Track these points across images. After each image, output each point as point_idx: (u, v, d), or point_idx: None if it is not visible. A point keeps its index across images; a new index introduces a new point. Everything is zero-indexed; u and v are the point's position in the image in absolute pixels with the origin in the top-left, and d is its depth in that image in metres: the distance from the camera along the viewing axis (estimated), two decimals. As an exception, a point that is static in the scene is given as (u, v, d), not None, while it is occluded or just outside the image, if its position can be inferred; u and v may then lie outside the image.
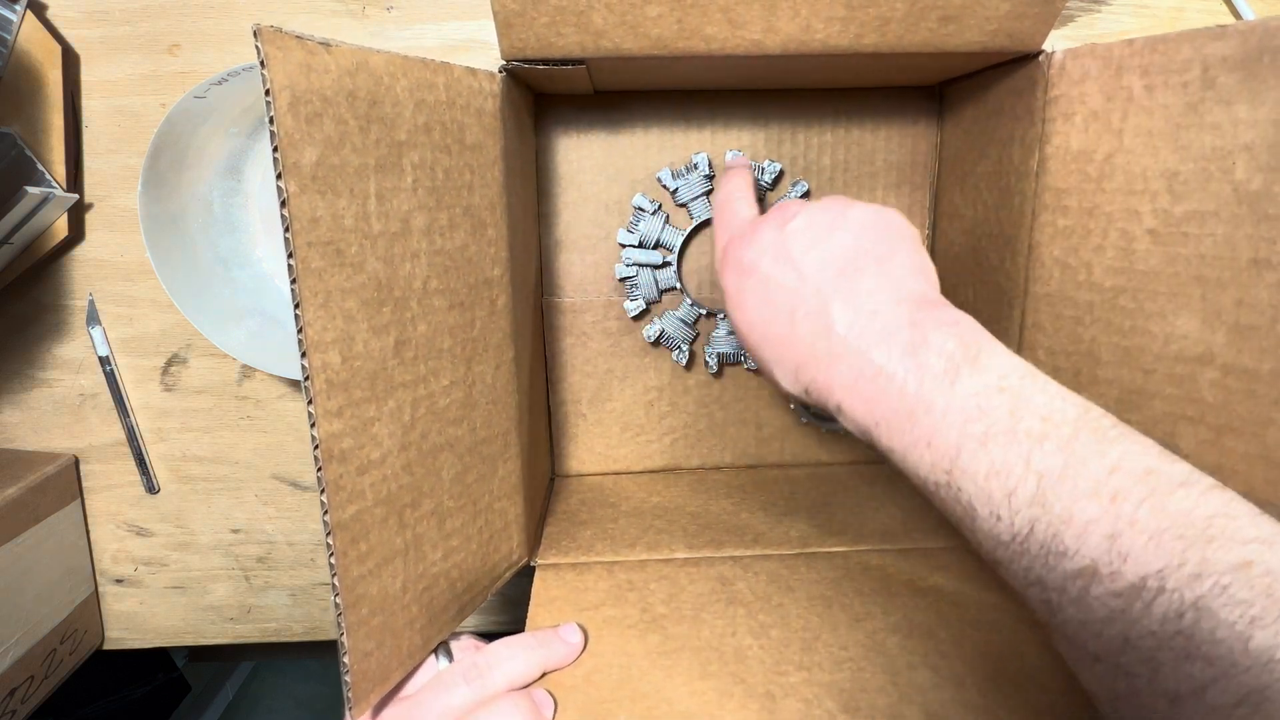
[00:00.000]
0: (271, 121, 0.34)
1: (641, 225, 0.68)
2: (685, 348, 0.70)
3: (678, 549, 0.60)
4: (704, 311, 0.70)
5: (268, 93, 0.34)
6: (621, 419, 0.73)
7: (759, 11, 0.47)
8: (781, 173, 0.68)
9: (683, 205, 0.68)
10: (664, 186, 0.67)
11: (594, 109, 0.67)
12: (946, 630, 0.50)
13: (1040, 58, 0.52)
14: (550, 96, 0.67)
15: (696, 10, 0.47)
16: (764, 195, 0.68)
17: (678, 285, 0.69)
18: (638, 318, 0.70)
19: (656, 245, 0.69)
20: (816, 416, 0.73)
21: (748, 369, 0.71)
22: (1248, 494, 0.43)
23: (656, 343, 0.70)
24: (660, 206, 0.68)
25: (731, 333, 0.69)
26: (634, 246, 0.68)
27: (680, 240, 0.68)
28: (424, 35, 0.67)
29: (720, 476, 0.74)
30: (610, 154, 0.68)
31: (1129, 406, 0.49)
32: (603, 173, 0.69)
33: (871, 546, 0.61)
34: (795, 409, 0.73)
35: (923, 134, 0.69)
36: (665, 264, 0.69)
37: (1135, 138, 0.47)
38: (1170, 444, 0.45)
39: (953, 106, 0.66)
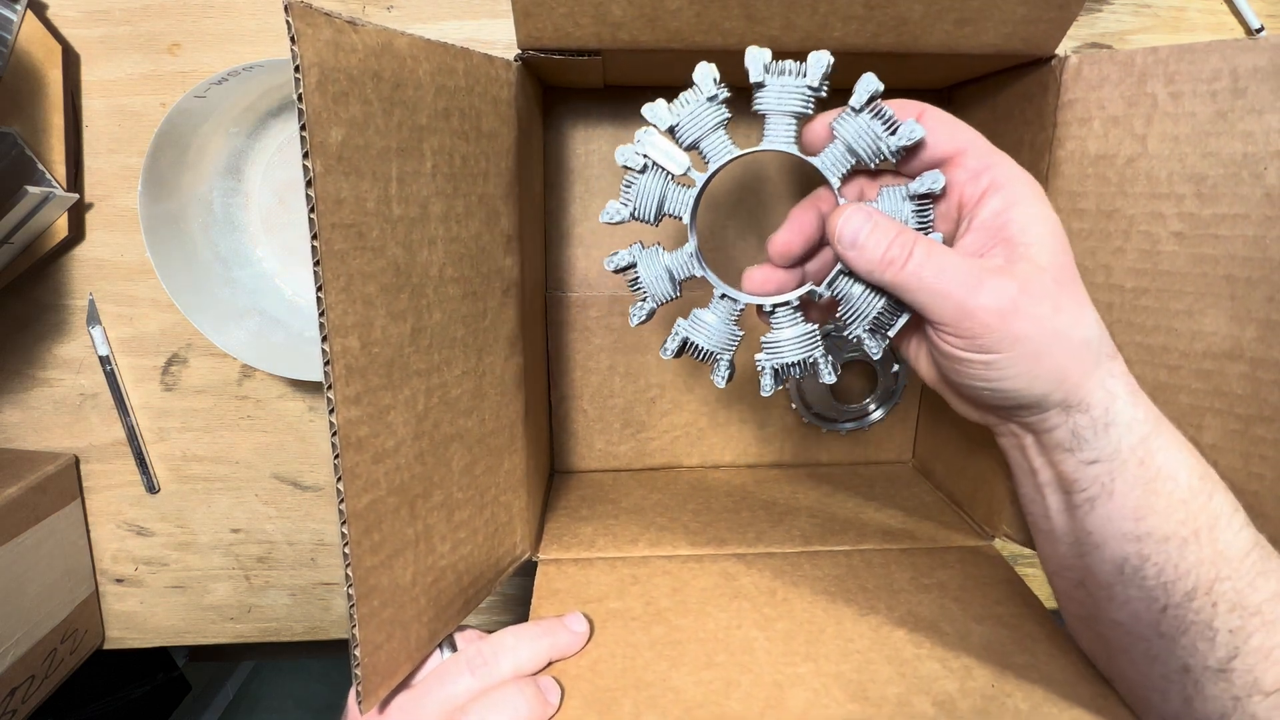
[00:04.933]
0: (300, 99, 0.34)
1: (685, 109, 0.46)
2: (725, 360, 0.49)
3: (680, 546, 0.60)
4: (741, 307, 0.48)
5: (297, 69, 0.34)
6: (623, 415, 0.73)
7: (778, 8, 0.47)
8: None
9: (691, 146, 0.46)
10: (656, 128, 0.46)
11: (603, 103, 0.67)
12: (952, 625, 0.51)
13: (1053, 62, 0.52)
14: (559, 89, 0.67)
15: (716, 4, 0.47)
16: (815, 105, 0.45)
17: (699, 270, 0.48)
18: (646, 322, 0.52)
19: (658, 219, 0.48)
20: (818, 416, 0.73)
21: (827, 380, 0.48)
22: (1276, 479, 0.44)
23: (679, 354, 0.50)
24: (725, 101, 0.46)
25: (810, 334, 0.48)
26: (619, 222, 0.48)
27: (692, 203, 0.47)
28: (424, 35, 0.67)
29: (720, 475, 0.74)
30: (617, 148, 0.67)
31: (1154, 401, 0.50)
32: (610, 167, 0.69)
33: (874, 545, 0.61)
34: (796, 408, 0.73)
35: (929, 136, 0.69)
36: (686, 182, 0.47)
37: (1161, 143, 0.48)
38: (1196, 436, 0.47)
39: (960, 110, 0.65)
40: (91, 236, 0.69)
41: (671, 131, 0.46)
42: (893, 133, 0.44)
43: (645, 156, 0.46)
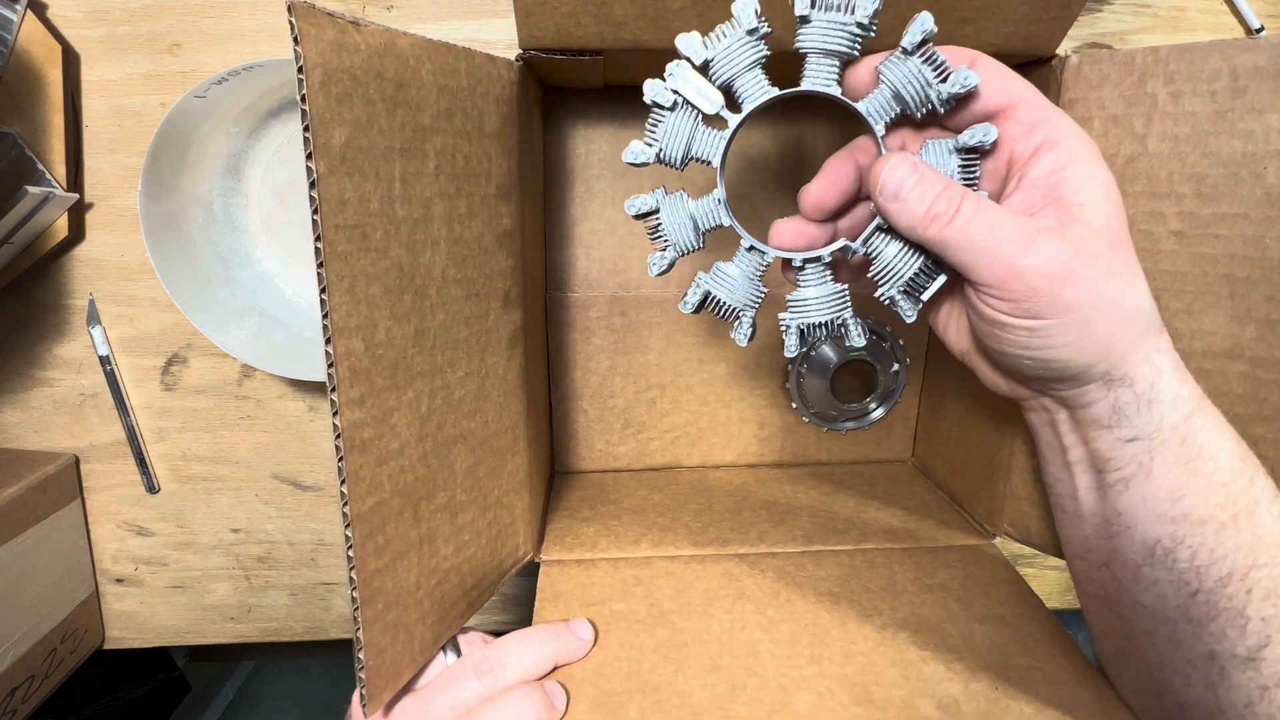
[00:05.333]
0: (303, 100, 0.34)
1: (722, 43, 0.42)
2: (748, 318, 0.47)
3: (682, 546, 0.60)
4: (768, 261, 0.46)
5: (300, 70, 0.33)
6: (623, 416, 0.73)
7: (780, 8, 0.47)
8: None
9: (725, 84, 0.43)
10: (690, 61, 0.43)
11: (603, 103, 0.67)
12: (955, 625, 0.51)
13: (1053, 62, 0.52)
14: (559, 89, 0.66)
15: (719, 4, 0.47)
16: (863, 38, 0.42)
17: (725, 219, 0.45)
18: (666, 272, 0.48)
19: (685, 163, 0.45)
20: (817, 416, 0.73)
21: (854, 347, 0.48)
22: (1275, 478, 0.44)
23: (699, 309, 0.47)
24: (765, 38, 0.42)
25: (840, 293, 0.45)
26: (643, 164, 0.44)
27: (723, 147, 0.44)
28: (424, 35, 0.67)
29: (721, 475, 0.74)
30: (617, 148, 0.68)
31: None
32: (610, 167, 0.68)
33: (876, 545, 0.61)
34: (796, 408, 0.73)
35: (930, 136, 0.69)
36: (718, 125, 0.44)
37: (1161, 142, 0.48)
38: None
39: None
40: (91, 236, 0.68)
41: (705, 67, 0.42)
42: (944, 79, 0.40)
43: (676, 93, 0.43)
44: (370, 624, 0.40)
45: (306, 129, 0.34)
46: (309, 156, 0.34)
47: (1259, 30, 0.68)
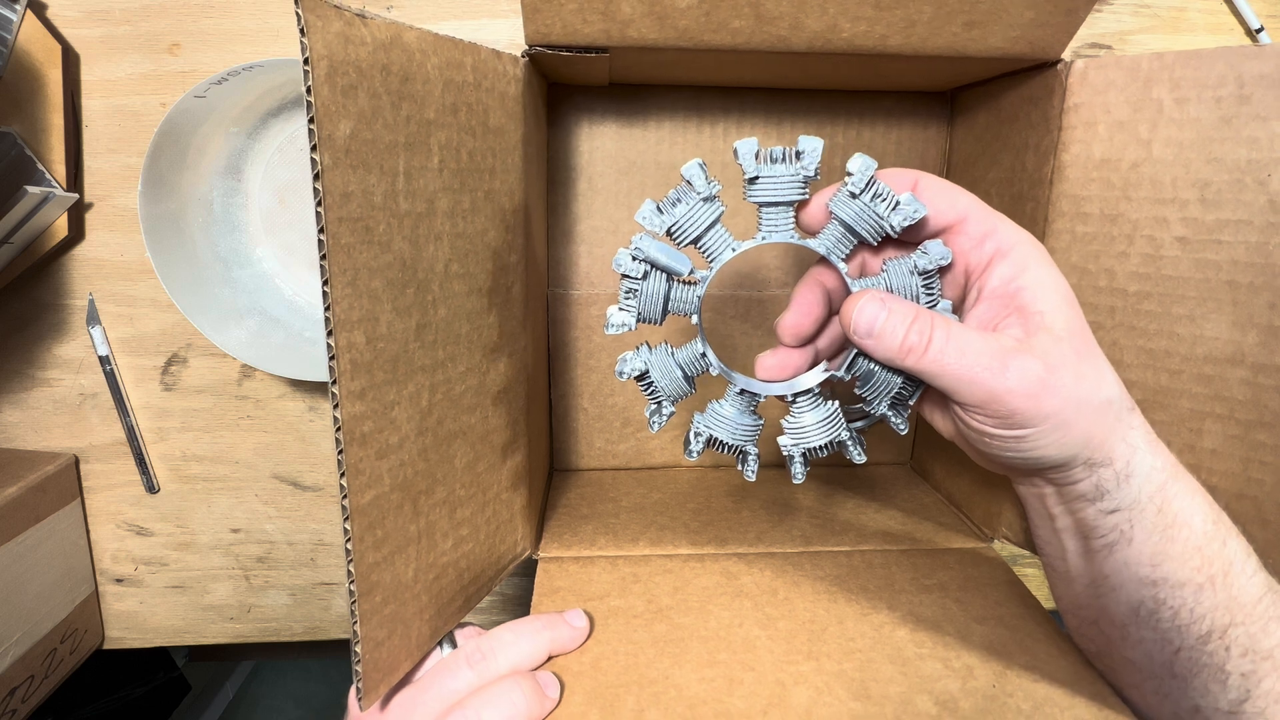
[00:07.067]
0: (309, 91, 0.34)
1: (680, 209, 0.45)
2: (753, 455, 0.50)
3: (681, 545, 0.60)
4: (761, 398, 0.49)
5: (306, 61, 0.33)
6: (623, 414, 0.73)
7: (788, 8, 0.47)
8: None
9: (690, 244, 0.46)
10: (649, 229, 0.45)
11: (608, 100, 0.67)
12: (953, 625, 0.51)
13: (1059, 66, 0.52)
14: (564, 87, 0.67)
15: (726, 3, 0.47)
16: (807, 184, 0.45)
17: (714, 370, 0.48)
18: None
19: (664, 319, 0.47)
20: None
21: (857, 461, 0.49)
22: (1276, 484, 0.45)
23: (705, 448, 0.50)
24: (718, 194, 0.45)
25: (833, 414, 0.47)
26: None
27: (698, 301, 0.47)
28: (426, 33, 0.67)
29: (720, 475, 0.74)
30: (622, 147, 0.68)
31: (1154, 406, 0.50)
32: (613, 165, 0.68)
33: (874, 547, 0.61)
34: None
35: (933, 139, 0.69)
36: (690, 281, 0.46)
37: (1165, 148, 0.48)
38: (1196, 441, 0.47)
39: (964, 112, 0.66)
40: (91, 236, 0.69)
41: (669, 233, 0.45)
42: (894, 209, 0.43)
43: (647, 263, 0.45)
44: (368, 617, 0.40)
45: (311, 121, 0.34)
46: (313, 148, 0.34)
47: (1259, 30, 0.68)
